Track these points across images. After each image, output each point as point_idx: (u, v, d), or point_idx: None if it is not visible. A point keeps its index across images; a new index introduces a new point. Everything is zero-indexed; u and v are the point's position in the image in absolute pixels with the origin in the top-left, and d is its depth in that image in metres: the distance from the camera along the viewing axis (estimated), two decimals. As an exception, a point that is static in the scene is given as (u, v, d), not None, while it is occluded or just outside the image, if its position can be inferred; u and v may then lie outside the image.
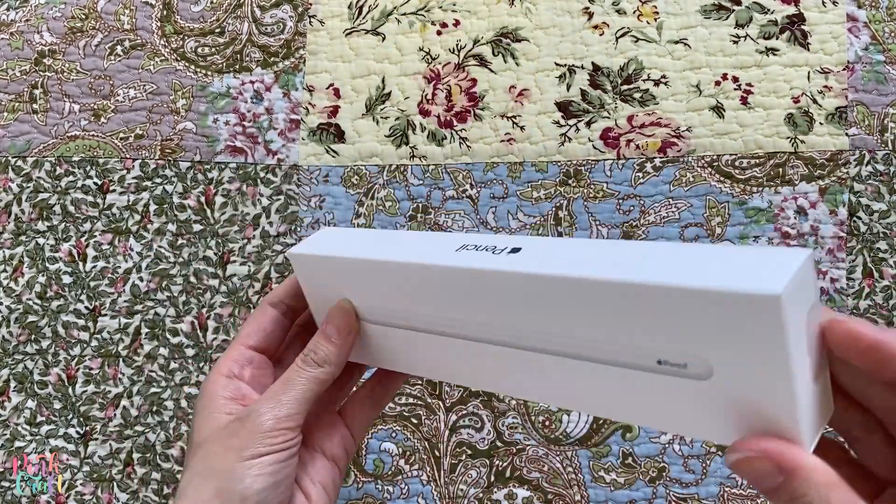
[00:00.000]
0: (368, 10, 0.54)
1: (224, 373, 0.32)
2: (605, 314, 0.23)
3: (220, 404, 0.31)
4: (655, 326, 0.22)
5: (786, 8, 0.51)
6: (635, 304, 0.22)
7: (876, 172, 0.49)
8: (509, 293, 0.25)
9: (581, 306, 0.23)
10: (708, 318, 0.21)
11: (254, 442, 0.29)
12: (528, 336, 0.26)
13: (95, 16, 0.56)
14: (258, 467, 0.28)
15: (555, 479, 0.50)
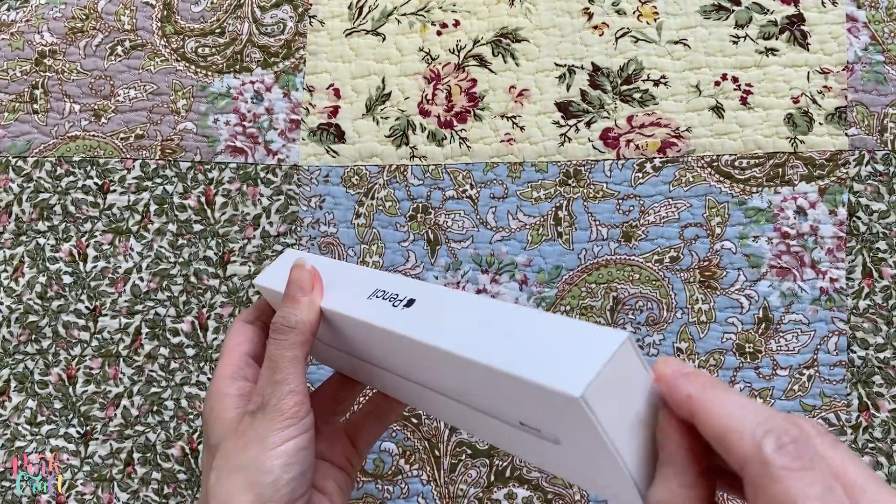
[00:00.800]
0: (368, 10, 0.54)
1: (228, 374, 0.33)
2: (468, 379, 0.26)
3: (229, 403, 0.31)
4: (504, 396, 0.25)
5: (785, 8, 0.51)
6: (483, 376, 0.24)
7: (875, 172, 0.49)
8: (396, 345, 0.28)
9: (449, 369, 0.26)
10: (535, 400, 0.23)
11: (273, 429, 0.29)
12: (422, 379, 0.29)
13: (96, 16, 0.56)
14: (285, 456, 0.29)
15: (555, 478, 0.50)
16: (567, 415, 0.22)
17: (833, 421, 0.48)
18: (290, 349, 0.30)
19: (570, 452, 0.24)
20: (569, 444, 0.24)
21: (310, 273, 0.32)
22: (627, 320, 0.50)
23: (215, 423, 0.31)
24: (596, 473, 0.24)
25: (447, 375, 0.27)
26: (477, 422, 0.28)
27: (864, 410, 0.48)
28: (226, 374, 0.33)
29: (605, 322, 0.50)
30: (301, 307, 0.31)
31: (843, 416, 0.48)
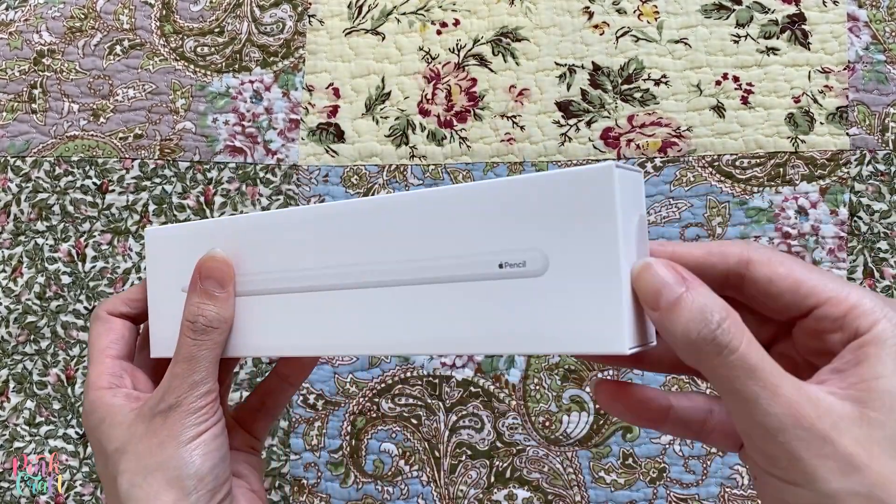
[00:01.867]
0: (368, 9, 0.54)
1: (104, 385, 0.31)
2: (453, 223, 0.25)
3: (120, 409, 0.30)
4: (499, 226, 0.24)
5: (786, 7, 0.51)
6: (481, 204, 0.24)
7: (876, 172, 0.49)
8: (369, 220, 0.26)
9: (431, 219, 0.25)
10: (549, 202, 0.23)
11: (187, 426, 0.28)
12: (388, 268, 0.26)
13: (95, 15, 0.56)
14: (202, 446, 0.28)
15: (555, 479, 0.50)
16: (587, 199, 0.22)
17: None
18: (210, 349, 0.29)
19: (552, 287, 0.23)
20: (556, 270, 0.23)
21: (226, 265, 0.29)
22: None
23: (112, 430, 0.30)
24: (577, 312, 0.23)
25: (425, 236, 0.25)
26: (429, 311, 0.25)
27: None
28: (103, 384, 0.31)
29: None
30: (220, 303, 0.29)
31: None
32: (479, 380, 0.50)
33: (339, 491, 0.51)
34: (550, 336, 0.23)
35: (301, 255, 0.28)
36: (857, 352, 0.21)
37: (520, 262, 0.23)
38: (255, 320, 0.30)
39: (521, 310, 0.24)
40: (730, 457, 0.49)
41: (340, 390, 0.51)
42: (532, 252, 0.23)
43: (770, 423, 0.20)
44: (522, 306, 0.24)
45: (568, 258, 0.23)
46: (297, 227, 0.28)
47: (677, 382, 0.49)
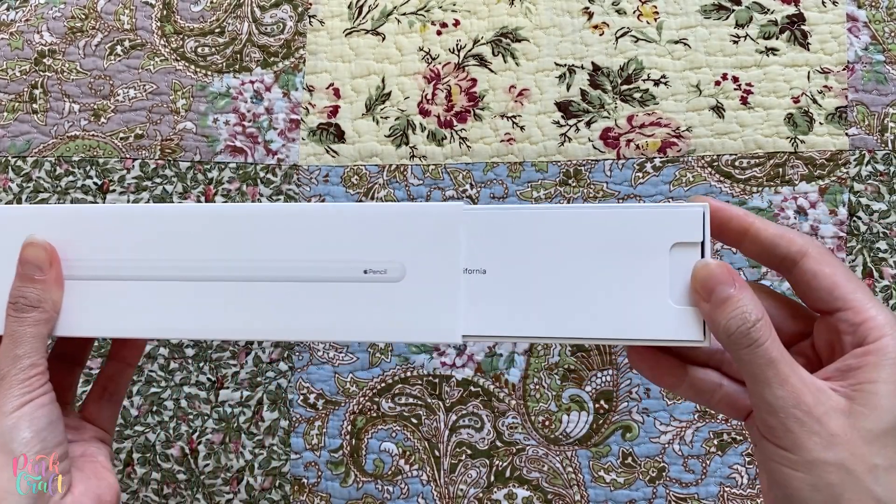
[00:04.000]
0: (368, 10, 0.54)
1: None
2: (327, 235, 0.30)
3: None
4: (368, 240, 0.30)
5: (786, 8, 0.51)
6: (353, 223, 0.30)
7: (876, 172, 0.49)
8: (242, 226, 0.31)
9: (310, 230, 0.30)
10: (411, 226, 0.29)
11: (9, 397, 0.29)
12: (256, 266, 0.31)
13: (95, 16, 0.56)
14: (28, 413, 0.29)
15: (555, 479, 0.50)
16: (438, 228, 0.29)
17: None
18: (32, 326, 0.30)
19: (406, 291, 0.29)
20: (411, 278, 0.29)
21: (45, 249, 0.31)
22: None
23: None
24: (424, 310, 0.29)
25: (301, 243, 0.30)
26: (300, 301, 0.30)
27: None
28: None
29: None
30: (41, 286, 0.31)
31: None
32: (478, 379, 0.50)
33: (339, 490, 0.51)
34: (401, 328, 0.29)
35: (149, 247, 0.31)
36: (860, 357, 0.26)
37: (382, 269, 0.30)
38: (93, 302, 0.32)
39: (380, 307, 0.30)
40: (729, 456, 0.49)
41: (341, 390, 0.51)
42: (393, 263, 0.30)
43: (776, 402, 0.25)
44: (381, 304, 0.30)
45: (421, 270, 0.29)
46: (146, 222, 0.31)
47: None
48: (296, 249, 0.30)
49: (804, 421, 0.25)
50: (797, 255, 0.28)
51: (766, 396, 0.25)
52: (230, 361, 0.52)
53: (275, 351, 0.52)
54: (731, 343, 0.26)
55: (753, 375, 0.26)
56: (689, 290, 0.28)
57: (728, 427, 0.49)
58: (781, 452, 0.25)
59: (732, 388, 0.31)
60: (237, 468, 0.51)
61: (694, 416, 0.49)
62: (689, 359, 0.31)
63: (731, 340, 0.26)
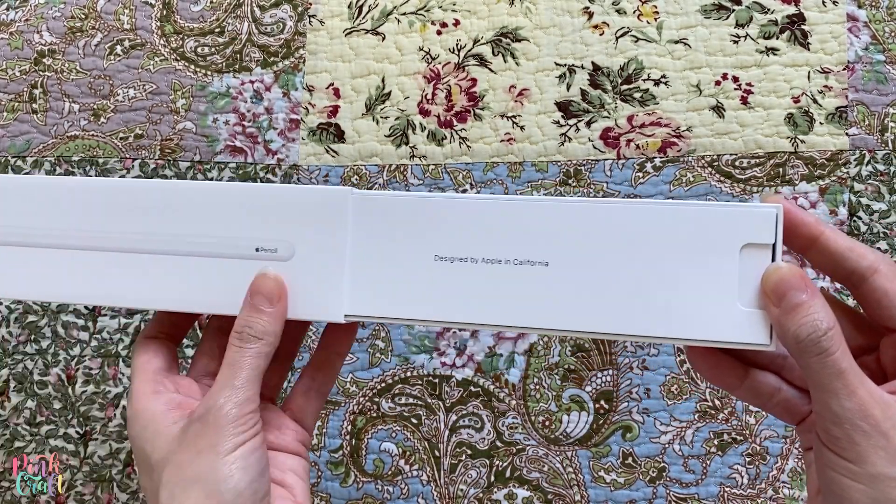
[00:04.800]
0: (368, 9, 0.54)
1: (149, 391, 0.31)
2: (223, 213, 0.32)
3: (163, 417, 0.30)
4: (262, 220, 0.31)
5: (786, 8, 0.51)
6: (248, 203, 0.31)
7: (876, 172, 0.49)
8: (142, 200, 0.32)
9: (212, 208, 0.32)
10: (302, 208, 0.31)
11: (225, 435, 0.28)
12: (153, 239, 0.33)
13: (95, 15, 0.56)
14: (241, 460, 0.28)
15: (555, 479, 0.50)
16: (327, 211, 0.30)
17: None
18: (254, 358, 0.30)
19: (295, 270, 0.31)
20: (300, 258, 0.31)
21: (276, 282, 0.31)
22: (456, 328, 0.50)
23: (156, 440, 0.30)
24: (312, 289, 0.31)
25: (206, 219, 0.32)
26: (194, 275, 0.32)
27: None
28: (146, 390, 0.31)
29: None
30: (268, 318, 0.30)
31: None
32: (478, 379, 0.50)
33: (339, 490, 0.51)
34: (289, 304, 0.31)
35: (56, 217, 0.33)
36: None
37: (273, 248, 0.31)
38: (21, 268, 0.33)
39: None
40: (729, 456, 0.49)
41: (340, 390, 0.51)
42: (283, 242, 0.31)
43: (843, 413, 0.25)
44: None
45: (310, 250, 0.31)
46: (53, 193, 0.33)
47: (676, 381, 0.49)
48: (192, 224, 0.32)
49: (870, 434, 0.25)
50: (867, 270, 0.27)
51: (832, 406, 0.25)
52: (230, 361, 0.52)
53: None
54: (799, 350, 0.26)
55: (821, 385, 0.26)
56: (758, 292, 0.27)
57: (728, 427, 0.49)
58: (844, 463, 0.25)
59: (791, 394, 0.30)
60: (237, 468, 0.51)
61: (694, 417, 0.49)
62: (749, 361, 0.31)
63: (800, 348, 0.26)
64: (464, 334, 0.51)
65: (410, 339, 0.51)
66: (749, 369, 0.31)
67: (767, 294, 0.27)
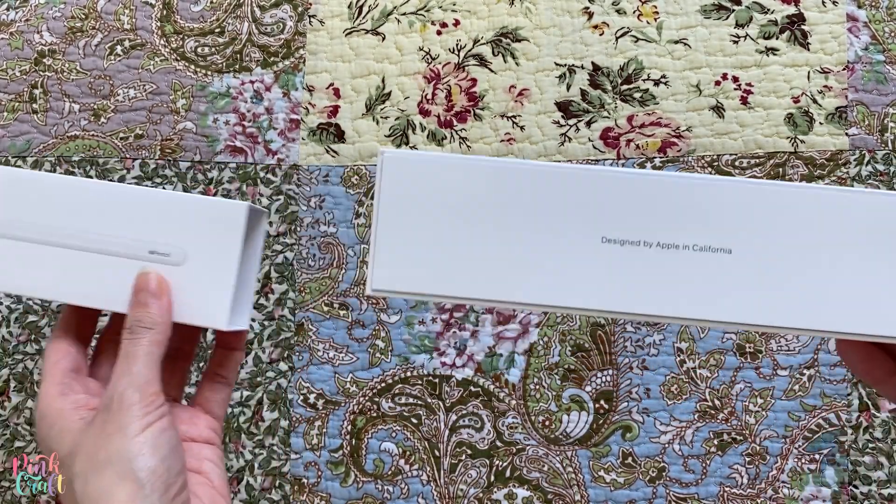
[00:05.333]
0: (368, 10, 0.54)
1: (56, 392, 0.32)
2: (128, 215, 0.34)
3: (70, 416, 0.31)
4: (158, 224, 0.33)
5: (786, 8, 0.51)
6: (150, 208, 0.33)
7: (876, 172, 0.49)
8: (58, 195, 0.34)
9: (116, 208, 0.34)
10: (197, 217, 0.33)
11: (132, 417, 0.29)
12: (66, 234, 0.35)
13: (95, 16, 0.56)
14: (151, 439, 0.29)
15: (555, 478, 0.50)
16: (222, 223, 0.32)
17: (833, 421, 0.48)
18: (146, 346, 0.31)
19: (186, 275, 0.33)
20: (192, 264, 0.33)
21: (156, 278, 0.33)
22: (627, 320, 0.50)
23: (63, 437, 0.31)
24: (200, 295, 0.33)
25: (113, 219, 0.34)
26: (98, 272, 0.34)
27: (864, 410, 0.48)
28: (53, 392, 0.32)
29: (604, 321, 0.50)
30: (155, 310, 0.33)
31: (844, 416, 0.48)
32: (478, 379, 0.50)
33: (339, 490, 0.51)
34: (177, 309, 0.33)
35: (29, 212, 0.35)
36: None
37: (166, 252, 0.33)
38: None
39: None
40: (729, 456, 0.49)
41: (341, 390, 0.51)
42: (176, 248, 0.33)
43: None
44: None
45: (202, 258, 0.32)
46: None
47: (676, 381, 0.49)
48: (95, 222, 0.34)
49: None
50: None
51: None
52: (230, 361, 0.52)
53: (275, 351, 0.52)
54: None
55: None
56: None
57: (728, 427, 0.49)
58: None
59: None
60: (237, 468, 0.51)
61: (694, 416, 0.49)
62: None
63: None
64: (463, 334, 0.51)
65: (410, 338, 0.51)
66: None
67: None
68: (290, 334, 0.52)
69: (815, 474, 0.48)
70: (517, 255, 0.28)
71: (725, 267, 0.27)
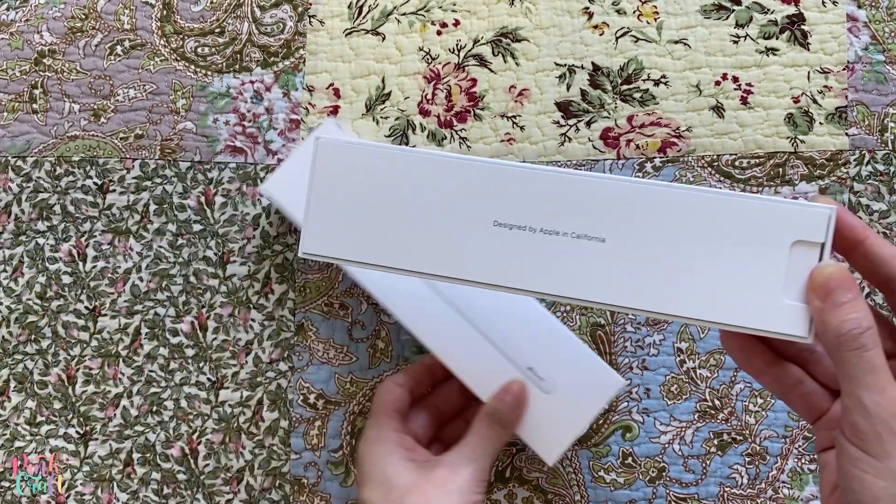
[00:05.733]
0: (368, 10, 0.54)
1: (393, 427, 0.39)
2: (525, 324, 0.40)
3: (400, 456, 0.38)
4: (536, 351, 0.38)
5: (786, 8, 0.51)
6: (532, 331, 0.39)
7: (876, 172, 0.49)
8: None
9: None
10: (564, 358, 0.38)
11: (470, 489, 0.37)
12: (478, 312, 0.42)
13: (95, 16, 0.56)
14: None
15: (554, 479, 0.50)
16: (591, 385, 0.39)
17: (833, 421, 0.48)
18: (496, 446, 0.41)
19: (557, 402, 0.37)
20: (560, 395, 0.36)
21: (520, 390, 0.41)
22: (627, 320, 0.50)
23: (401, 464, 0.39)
24: (557, 424, 0.39)
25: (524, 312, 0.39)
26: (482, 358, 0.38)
27: (864, 410, 0.48)
28: (391, 425, 0.41)
29: (605, 321, 0.50)
30: (505, 410, 0.41)
31: (844, 416, 0.48)
32: (478, 379, 0.50)
33: (339, 490, 0.51)
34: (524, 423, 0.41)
35: None
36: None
37: (542, 377, 0.40)
38: None
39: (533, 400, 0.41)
40: (729, 456, 0.49)
41: (340, 390, 0.51)
42: (552, 380, 0.41)
43: (874, 407, 0.26)
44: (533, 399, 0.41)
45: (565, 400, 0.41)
46: None
47: (676, 381, 0.49)
48: None
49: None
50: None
51: (864, 400, 0.26)
52: (230, 361, 0.52)
53: (275, 351, 0.52)
54: (838, 344, 0.27)
55: (854, 378, 0.27)
56: (803, 287, 0.28)
57: (728, 427, 0.49)
58: (867, 459, 0.26)
59: (813, 388, 0.32)
60: (237, 468, 0.51)
61: (694, 416, 0.49)
62: (778, 351, 0.32)
63: (839, 342, 0.27)
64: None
65: (410, 338, 0.51)
66: (777, 358, 0.32)
67: (815, 289, 0.28)
68: (290, 334, 0.52)
69: (816, 474, 0.48)
70: (423, 233, 0.31)
71: (599, 254, 0.30)
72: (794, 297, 0.28)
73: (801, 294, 0.28)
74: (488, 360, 0.39)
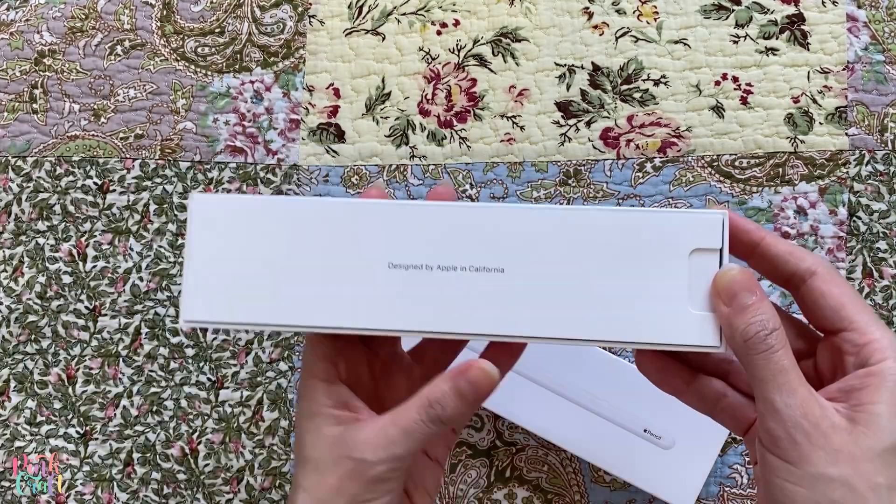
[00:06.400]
0: (368, 10, 0.54)
1: (322, 377, 0.31)
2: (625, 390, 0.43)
3: (326, 414, 0.31)
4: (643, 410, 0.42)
5: (786, 8, 0.51)
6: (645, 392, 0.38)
7: (876, 172, 0.49)
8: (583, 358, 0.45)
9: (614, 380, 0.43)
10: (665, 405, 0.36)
11: (367, 490, 0.29)
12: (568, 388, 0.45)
13: (95, 16, 0.56)
14: None
15: (554, 479, 0.50)
16: None
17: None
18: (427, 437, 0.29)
19: (672, 456, 0.40)
20: (681, 449, 0.40)
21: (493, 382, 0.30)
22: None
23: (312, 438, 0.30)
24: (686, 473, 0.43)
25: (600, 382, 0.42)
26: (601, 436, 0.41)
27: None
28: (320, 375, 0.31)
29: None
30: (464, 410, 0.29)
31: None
32: (478, 379, 0.50)
33: (339, 490, 0.51)
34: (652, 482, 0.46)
35: None
36: (862, 378, 0.26)
37: (658, 435, 0.44)
38: None
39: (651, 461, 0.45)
40: (729, 456, 0.49)
41: (340, 390, 0.51)
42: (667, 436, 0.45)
43: (785, 410, 0.25)
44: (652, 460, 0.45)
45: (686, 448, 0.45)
46: None
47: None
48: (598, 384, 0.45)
49: (810, 433, 0.25)
50: (806, 273, 0.28)
51: (776, 403, 0.25)
52: (230, 361, 0.52)
53: (275, 351, 0.52)
54: (746, 348, 0.26)
55: (764, 380, 0.26)
56: (707, 295, 0.27)
57: (728, 427, 0.49)
58: (785, 466, 0.25)
59: (736, 400, 0.31)
60: (237, 468, 0.51)
61: (694, 416, 0.49)
62: (696, 366, 0.31)
63: (747, 345, 0.26)
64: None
65: (410, 338, 0.51)
66: (696, 374, 0.31)
67: (719, 294, 0.27)
68: (289, 334, 0.52)
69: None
70: (315, 285, 0.29)
71: (499, 285, 0.28)
72: (700, 307, 0.27)
73: (707, 303, 0.27)
74: (607, 435, 0.42)
